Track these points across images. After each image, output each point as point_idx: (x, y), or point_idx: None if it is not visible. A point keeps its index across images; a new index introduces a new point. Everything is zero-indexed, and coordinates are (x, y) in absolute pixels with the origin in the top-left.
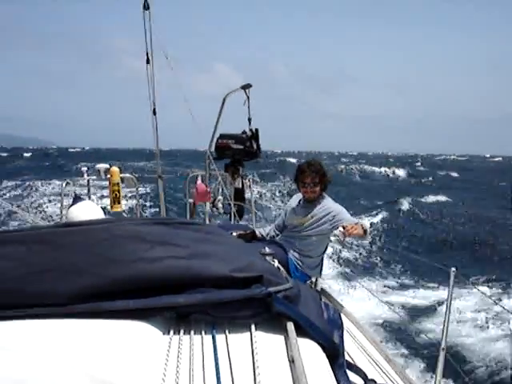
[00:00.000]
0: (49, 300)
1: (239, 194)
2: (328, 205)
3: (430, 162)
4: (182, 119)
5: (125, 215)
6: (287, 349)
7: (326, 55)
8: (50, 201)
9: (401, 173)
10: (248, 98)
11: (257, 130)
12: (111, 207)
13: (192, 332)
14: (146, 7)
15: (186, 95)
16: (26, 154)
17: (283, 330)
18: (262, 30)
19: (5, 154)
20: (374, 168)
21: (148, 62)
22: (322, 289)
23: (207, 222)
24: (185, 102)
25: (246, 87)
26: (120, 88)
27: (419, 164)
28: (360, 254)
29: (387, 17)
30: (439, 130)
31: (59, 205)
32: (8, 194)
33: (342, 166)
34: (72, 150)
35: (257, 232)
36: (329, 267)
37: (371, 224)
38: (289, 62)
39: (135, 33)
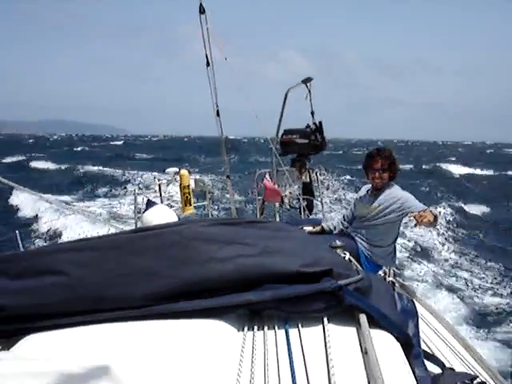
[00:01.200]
0: (126, 303)
1: (307, 188)
2: (395, 192)
3: None
4: (244, 108)
5: (196, 217)
6: (360, 340)
7: (396, 41)
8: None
9: None
10: (309, 91)
11: (320, 122)
12: (183, 210)
13: (265, 328)
14: (202, 11)
15: (254, 83)
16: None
17: (355, 322)
18: (332, 17)
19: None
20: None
21: (208, 64)
22: (395, 279)
23: (277, 218)
24: (246, 100)
25: (307, 81)
26: (189, 75)
27: None
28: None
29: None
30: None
31: (133, 208)
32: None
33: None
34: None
35: (324, 226)
36: (403, 257)
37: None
38: (359, 49)
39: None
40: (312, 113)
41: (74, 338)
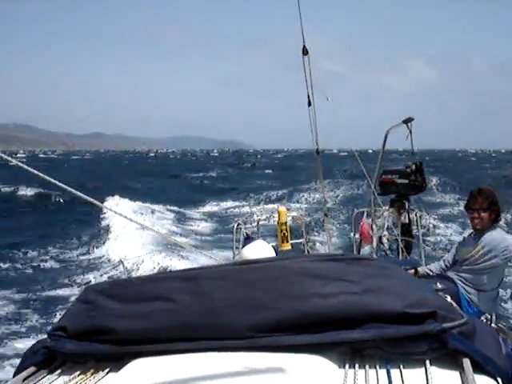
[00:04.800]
0: (230, 333)
1: (406, 229)
2: (498, 235)
3: None
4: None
5: (293, 253)
6: None
7: None
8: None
9: None
10: (410, 132)
11: (421, 163)
12: (280, 246)
13: (367, 367)
14: (305, 52)
15: (376, 95)
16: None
17: (459, 367)
18: (457, 23)
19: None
20: None
21: (309, 104)
22: (498, 325)
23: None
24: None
25: (407, 121)
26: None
27: None
28: None
29: None
30: None
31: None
32: None
33: None
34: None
35: (420, 270)
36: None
37: None
38: (489, 56)
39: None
40: (413, 153)
41: (178, 364)
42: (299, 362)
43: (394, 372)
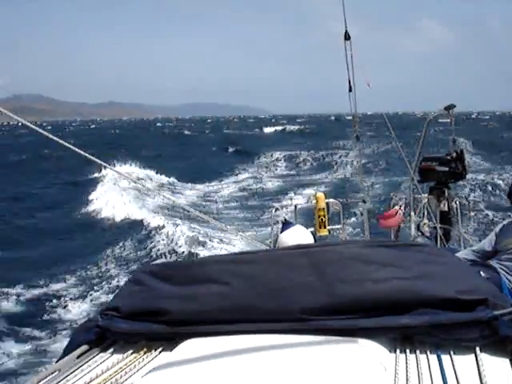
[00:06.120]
0: (282, 316)
1: (445, 218)
2: None
3: None
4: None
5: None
6: None
7: None
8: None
9: None
10: (452, 119)
11: (462, 150)
12: (317, 231)
13: (417, 352)
14: (347, 37)
15: (392, 56)
16: None
17: (509, 354)
18: None
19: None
20: None
21: (350, 90)
22: None
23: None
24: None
25: (449, 108)
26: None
27: None
28: None
29: None
30: None
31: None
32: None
33: None
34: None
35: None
36: None
37: None
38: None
39: None
40: (454, 140)
41: (229, 345)
42: (351, 346)
43: (445, 358)
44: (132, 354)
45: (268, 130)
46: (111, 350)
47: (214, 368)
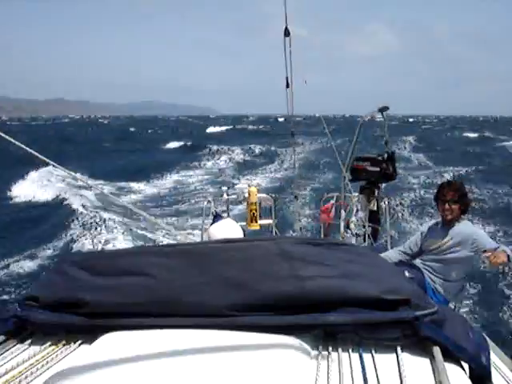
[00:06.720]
0: (207, 311)
1: (374, 217)
2: (467, 228)
3: None
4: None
5: (260, 234)
6: (434, 373)
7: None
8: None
9: None
10: (385, 120)
11: (393, 152)
12: (248, 225)
13: (340, 350)
14: (287, 34)
15: (338, 58)
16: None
17: (429, 354)
18: None
19: None
20: None
21: (288, 86)
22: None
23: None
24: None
25: (383, 110)
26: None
27: None
28: None
29: None
30: None
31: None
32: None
33: None
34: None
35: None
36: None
37: None
38: (452, 22)
39: None
40: (386, 142)
41: (151, 339)
42: (274, 343)
43: (367, 356)
44: (50, 346)
45: (213, 129)
46: (29, 341)
47: (132, 362)
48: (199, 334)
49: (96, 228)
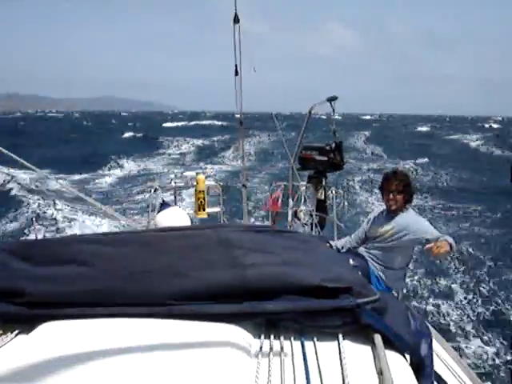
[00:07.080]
0: (148, 300)
1: (322, 206)
2: (410, 217)
3: None
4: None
5: (208, 222)
6: (375, 360)
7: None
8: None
9: None
10: (333, 110)
11: (341, 142)
12: (196, 213)
13: (281, 338)
14: (237, 21)
15: (295, 56)
16: None
17: (370, 342)
18: None
19: None
20: None
21: (237, 73)
22: (405, 303)
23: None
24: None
25: (332, 99)
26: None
27: None
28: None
29: None
30: None
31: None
32: None
33: None
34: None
35: (332, 244)
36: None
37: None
38: (407, 21)
39: None
40: (334, 131)
41: (91, 329)
42: (216, 331)
43: (308, 344)
44: None
45: (171, 124)
46: None
47: (71, 352)
48: (139, 323)
49: (39, 216)
